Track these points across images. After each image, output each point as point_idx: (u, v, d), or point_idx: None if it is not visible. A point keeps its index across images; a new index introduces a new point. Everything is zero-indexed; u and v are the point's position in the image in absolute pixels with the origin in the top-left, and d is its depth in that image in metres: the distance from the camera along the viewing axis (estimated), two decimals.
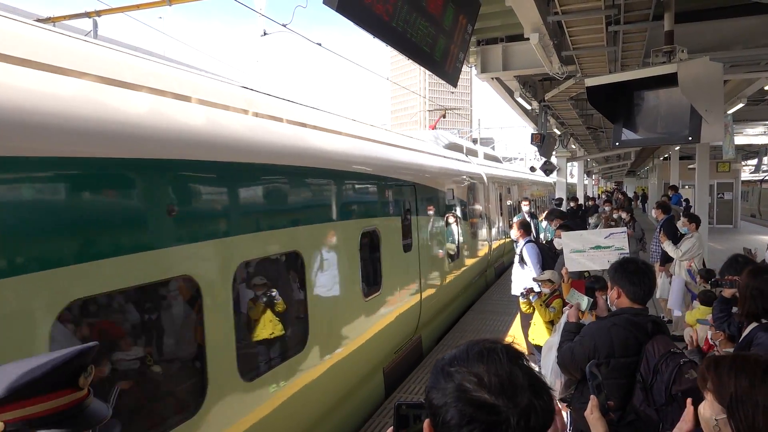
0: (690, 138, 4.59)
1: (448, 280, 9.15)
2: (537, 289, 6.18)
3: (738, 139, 20.88)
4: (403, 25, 3.54)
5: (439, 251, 8.74)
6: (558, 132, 17.25)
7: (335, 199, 5.20)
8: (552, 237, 9.33)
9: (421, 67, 4.30)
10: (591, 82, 4.91)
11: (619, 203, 16.30)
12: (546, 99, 12.01)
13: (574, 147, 21.58)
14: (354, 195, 5.81)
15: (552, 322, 5.79)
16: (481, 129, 52.19)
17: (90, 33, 8.28)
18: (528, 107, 13.85)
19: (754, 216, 33.21)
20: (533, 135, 12.89)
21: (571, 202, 16.64)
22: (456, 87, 5.13)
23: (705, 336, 4.60)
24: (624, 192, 30.07)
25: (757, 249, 6.84)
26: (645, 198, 34.36)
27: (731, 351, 3.42)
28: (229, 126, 3.90)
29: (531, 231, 7.92)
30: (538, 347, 5.76)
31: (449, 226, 9.51)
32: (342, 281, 5.29)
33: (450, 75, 4.61)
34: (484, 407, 1.07)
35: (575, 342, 3.15)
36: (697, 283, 7.07)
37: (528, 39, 6.39)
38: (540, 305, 5.92)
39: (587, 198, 20.61)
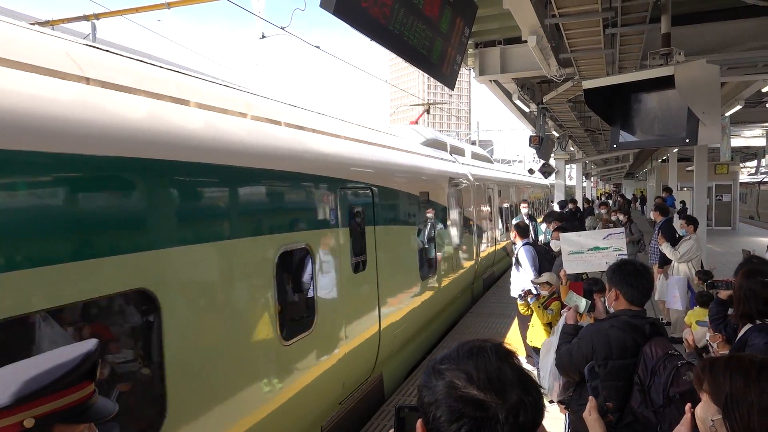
0: (687, 140, 4.59)
1: (420, 301, 7.65)
2: (535, 292, 6.19)
3: (736, 141, 20.93)
4: (400, 28, 3.55)
5: (408, 267, 7.35)
6: (556, 134, 17.29)
7: (227, 208, 3.72)
8: (550, 239, 9.34)
9: (419, 70, 4.31)
10: (589, 84, 4.91)
11: (618, 205, 16.34)
12: (544, 101, 12.04)
13: (572, 149, 21.62)
14: (265, 201, 4.19)
15: (550, 324, 5.79)
16: (480, 131, 52.31)
17: (88, 36, 8.30)
18: (526, 109, 13.88)
19: (752, 218, 33.26)
20: (531, 137, 12.91)
21: (570, 204, 16.65)
22: (453, 89, 5.14)
23: (701, 337, 4.60)
24: (623, 195, 30.12)
25: (755, 251, 6.84)
26: (644, 200, 34.39)
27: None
28: None
29: (529, 233, 7.92)
30: (536, 349, 5.77)
31: (423, 235, 8.15)
32: (237, 324, 3.73)
33: (447, 77, 4.62)
34: (472, 403, 1.08)
35: (573, 344, 3.15)
36: (695, 285, 7.08)
37: (526, 41, 6.41)
38: (538, 307, 5.93)
39: (585, 200, 20.49)
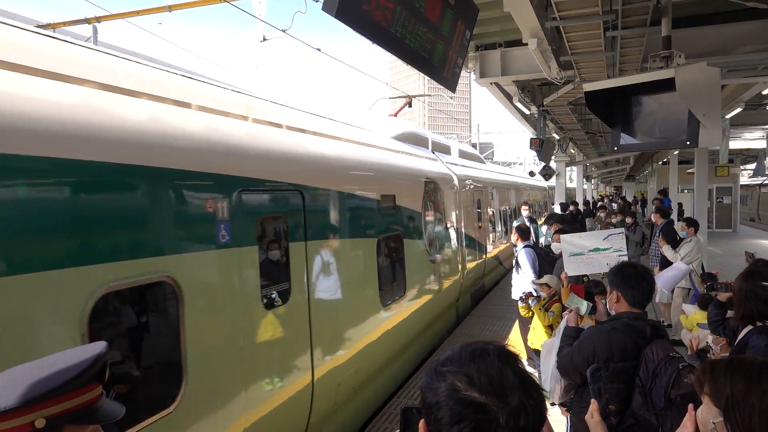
0: (688, 142, 4.60)
1: (380, 333, 6.05)
2: (536, 294, 6.19)
3: (736, 144, 20.92)
4: (402, 31, 3.56)
5: (361, 292, 5.78)
6: (557, 136, 17.30)
7: None
8: (551, 241, 9.35)
9: (420, 73, 4.32)
10: (589, 87, 4.91)
11: (619, 207, 16.34)
12: (545, 104, 12.05)
13: (573, 151, 21.62)
14: (65, 212, 2.67)
15: (551, 326, 5.79)
16: (481, 134, 52.35)
17: (90, 39, 8.32)
18: (527, 112, 13.88)
19: (753, 220, 33.26)
20: (532, 140, 12.92)
21: (571, 206, 16.65)
22: (454, 92, 5.15)
23: (702, 339, 4.60)
24: (624, 197, 30.09)
25: (757, 253, 6.84)
26: (644, 202, 34.36)
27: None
28: None
29: (530, 236, 7.92)
30: (537, 352, 5.77)
31: (385, 249, 6.55)
32: None
33: (448, 80, 4.63)
34: (473, 406, 1.09)
35: (574, 346, 3.15)
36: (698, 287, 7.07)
37: (526, 44, 6.42)
38: (539, 309, 5.93)
39: (585, 203, 20.46)
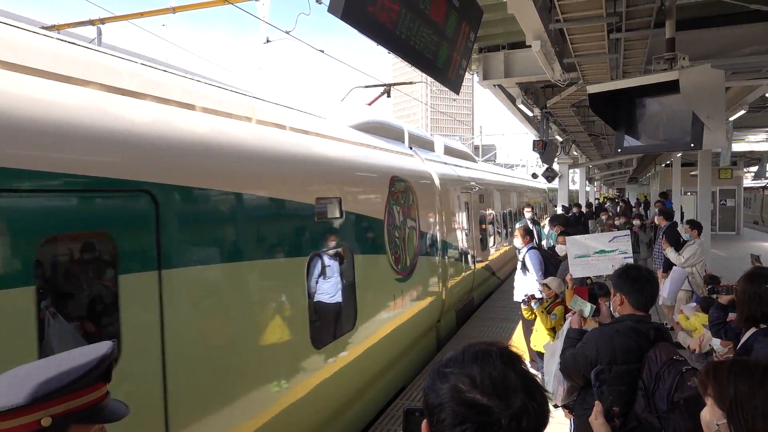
0: (692, 145, 4.60)
1: (311, 387, 4.65)
2: (538, 296, 6.19)
3: (740, 146, 20.87)
4: (407, 33, 3.57)
5: (271, 340, 4.20)
6: (560, 139, 17.30)
7: None
8: (554, 243, 9.35)
9: (424, 74, 4.33)
10: (593, 89, 4.92)
11: (621, 210, 16.35)
12: (548, 106, 12.07)
13: (576, 154, 21.60)
14: None
15: (553, 328, 5.79)
16: (483, 136, 52.38)
17: (94, 40, 8.35)
18: (530, 114, 13.88)
19: (756, 223, 33.16)
20: (535, 142, 12.93)
21: (574, 208, 16.66)
22: (458, 94, 5.15)
23: (707, 341, 4.61)
24: (626, 200, 30.05)
25: (762, 255, 6.82)
26: (647, 205, 34.31)
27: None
28: None
29: (533, 238, 7.95)
30: (540, 354, 5.76)
31: (320, 270, 5.13)
32: None
33: (453, 82, 4.64)
34: (476, 407, 1.09)
35: (577, 348, 3.15)
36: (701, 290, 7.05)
37: (530, 46, 6.42)
38: (541, 312, 5.92)
39: (587, 205, 20.46)
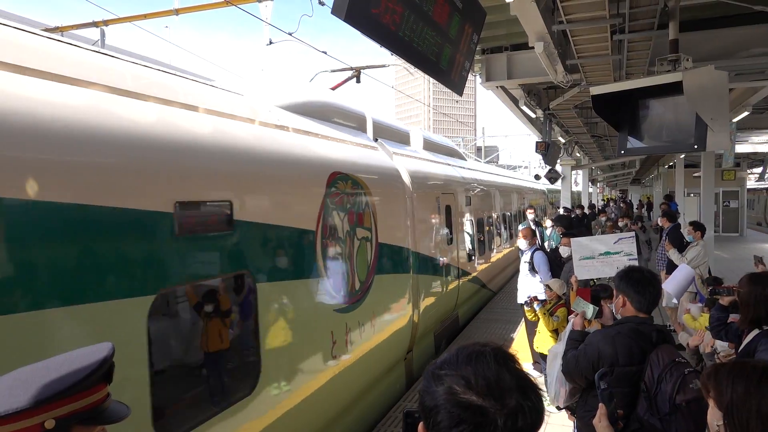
0: (696, 146, 4.59)
1: None
2: (541, 298, 6.18)
3: (743, 147, 20.82)
4: (410, 35, 3.57)
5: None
6: (563, 140, 17.29)
7: None
8: (556, 244, 9.35)
9: (426, 76, 4.33)
10: (596, 90, 4.91)
11: (623, 212, 16.34)
12: (550, 107, 12.06)
13: (578, 155, 21.57)
14: None
15: (556, 330, 5.78)
16: (486, 137, 52.36)
17: (97, 42, 8.37)
18: (532, 115, 13.89)
19: (760, 224, 33.07)
20: (538, 143, 12.94)
21: (577, 209, 16.64)
22: (462, 95, 5.16)
23: (708, 342, 4.60)
24: (627, 201, 30.05)
25: (765, 257, 6.79)
26: (650, 206, 34.25)
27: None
28: None
29: (536, 238, 7.97)
30: (543, 355, 5.75)
31: (185, 312, 3.58)
32: None
33: (456, 83, 4.64)
34: (471, 408, 1.10)
35: (580, 350, 3.14)
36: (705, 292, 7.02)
37: (533, 48, 6.42)
38: (544, 314, 5.91)
39: (590, 206, 20.43)
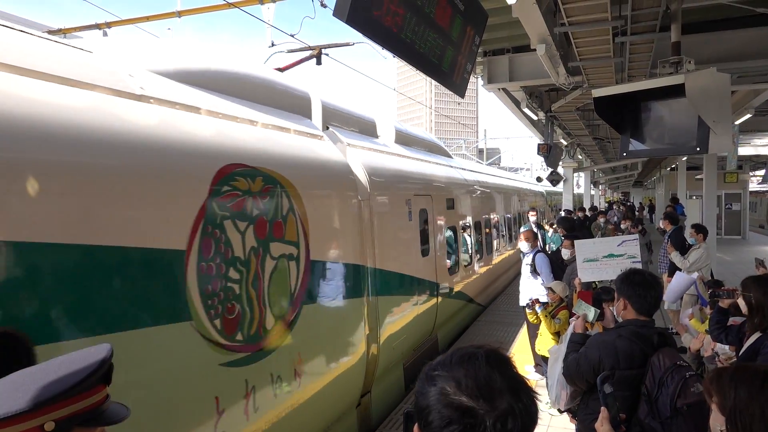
0: (698, 149, 4.58)
1: None
2: (543, 300, 6.17)
3: (745, 150, 20.78)
4: (412, 37, 3.57)
5: None
6: (564, 142, 17.29)
7: None
8: (557, 247, 9.35)
9: (428, 78, 4.33)
10: (598, 92, 4.91)
11: (624, 214, 16.30)
12: (552, 109, 12.06)
13: (580, 157, 21.56)
14: None
15: (558, 333, 5.77)
16: (488, 139, 52.35)
17: None
18: (534, 118, 13.89)
19: (762, 227, 32.99)
20: (540, 145, 12.95)
21: (579, 212, 16.62)
22: (463, 97, 5.16)
23: (708, 345, 4.59)
24: (626, 204, 30.02)
25: (766, 260, 6.78)
26: (652, 208, 34.20)
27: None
28: None
29: (538, 241, 7.96)
30: (545, 358, 5.74)
31: None
32: None
33: (458, 85, 4.64)
34: (461, 410, 1.11)
35: (581, 353, 3.13)
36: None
37: (534, 50, 6.42)
38: (545, 316, 5.90)
39: (592, 208, 20.37)
